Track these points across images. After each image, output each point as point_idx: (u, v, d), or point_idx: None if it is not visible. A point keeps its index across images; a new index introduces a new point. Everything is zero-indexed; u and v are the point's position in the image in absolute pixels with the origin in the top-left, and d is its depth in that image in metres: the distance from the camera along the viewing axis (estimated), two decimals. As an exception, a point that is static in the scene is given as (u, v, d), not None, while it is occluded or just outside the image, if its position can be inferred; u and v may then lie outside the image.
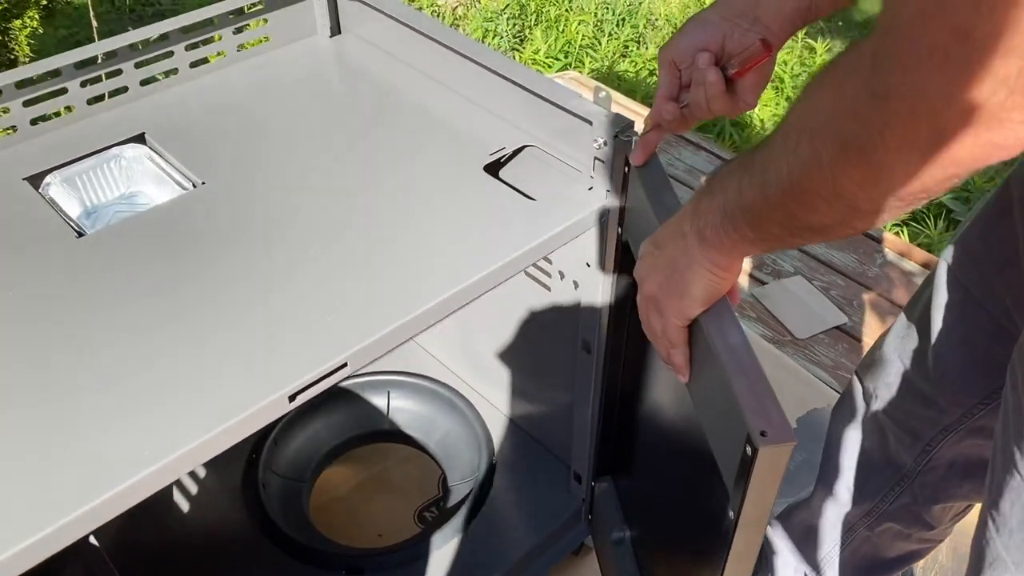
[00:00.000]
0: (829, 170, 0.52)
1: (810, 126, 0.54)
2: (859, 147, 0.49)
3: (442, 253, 0.92)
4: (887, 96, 0.46)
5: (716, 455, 0.74)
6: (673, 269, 0.71)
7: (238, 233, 0.95)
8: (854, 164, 0.50)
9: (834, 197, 0.53)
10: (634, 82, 3.16)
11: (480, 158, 1.05)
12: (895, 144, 0.47)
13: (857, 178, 0.51)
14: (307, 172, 1.03)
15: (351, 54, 1.25)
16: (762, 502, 0.69)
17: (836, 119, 0.51)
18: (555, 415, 1.34)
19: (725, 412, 0.70)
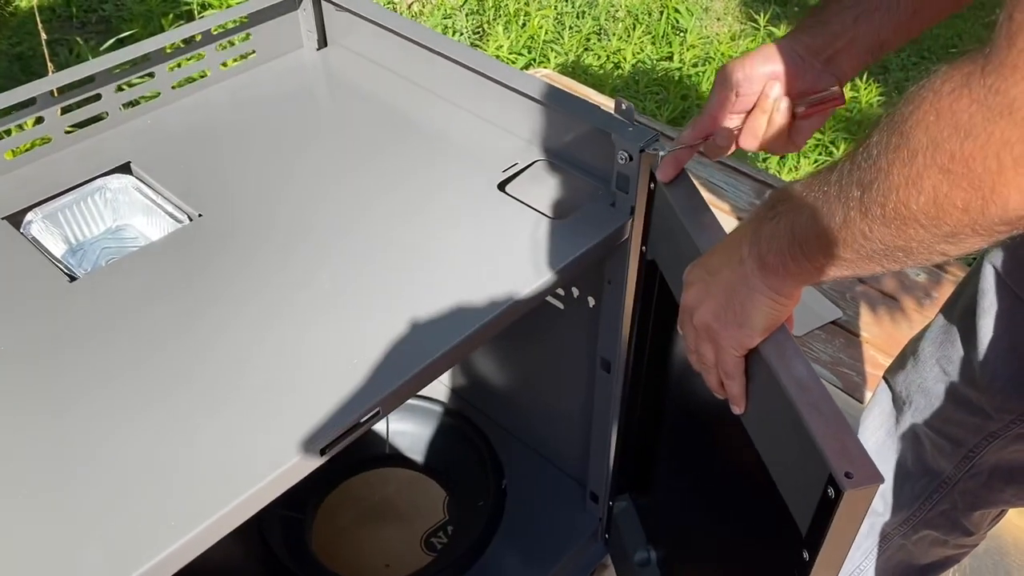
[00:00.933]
0: (931, 194, 0.48)
1: (909, 146, 0.49)
2: (969, 169, 0.45)
3: (465, 282, 0.87)
4: (1005, 112, 0.43)
5: (783, 492, 0.70)
6: (730, 297, 0.67)
7: (244, 271, 0.88)
8: (962, 188, 0.46)
9: (932, 222, 0.49)
10: (600, 75, 3.13)
11: (492, 175, 1.00)
12: (1011, 164, 0.44)
13: (962, 202, 0.47)
14: (309, 198, 0.97)
15: (340, 67, 1.19)
16: (842, 544, 0.65)
17: (942, 140, 0.47)
18: (567, 434, 1.30)
19: (797, 449, 0.66)
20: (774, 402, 0.69)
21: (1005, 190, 0.45)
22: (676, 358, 0.99)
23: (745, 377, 0.72)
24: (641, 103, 2.95)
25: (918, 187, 0.49)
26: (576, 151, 1.00)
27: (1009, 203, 0.45)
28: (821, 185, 0.59)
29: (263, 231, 0.93)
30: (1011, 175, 0.44)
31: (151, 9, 3.00)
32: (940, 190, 0.48)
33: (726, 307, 0.67)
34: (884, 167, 0.51)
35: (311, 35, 1.18)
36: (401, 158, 1.03)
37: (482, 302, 0.84)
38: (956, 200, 0.47)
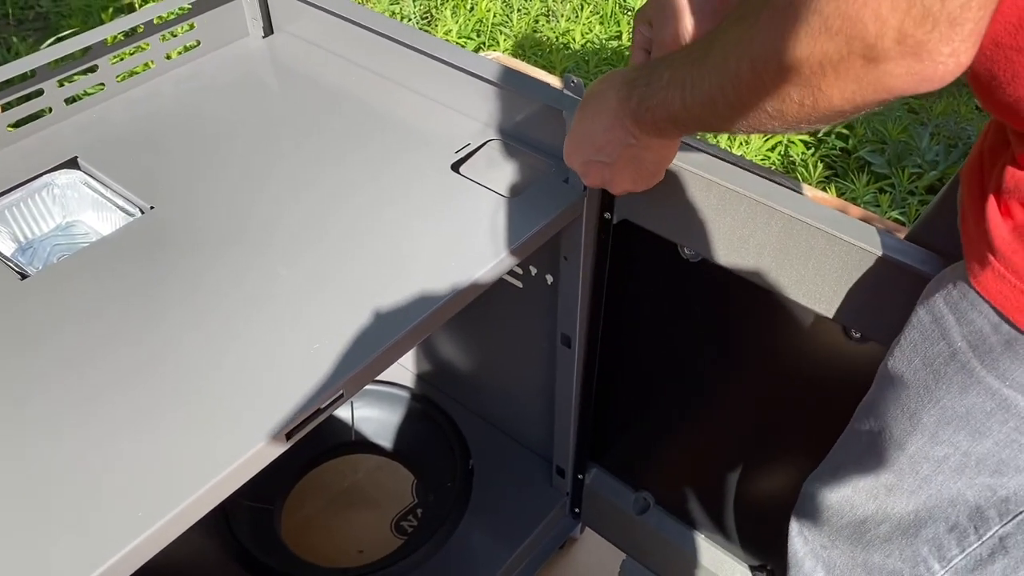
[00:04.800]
0: (774, 93, 0.54)
1: (750, 54, 0.54)
2: (800, 76, 0.52)
3: (422, 264, 0.87)
4: (823, 29, 0.48)
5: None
6: (636, 164, 0.78)
7: (200, 261, 0.88)
8: (797, 88, 0.53)
9: (775, 114, 0.56)
10: (550, 56, 3.13)
11: (445, 156, 1.00)
12: (832, 73, 0.50)
13: (797, 99, 0.53)
14: (261, 186, 0.97)
15: (287, 54, 1.18)
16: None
17: (778, 51, 0.52)
18: (531, 411, 1.31)
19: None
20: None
21: (829, 90, 0.51)
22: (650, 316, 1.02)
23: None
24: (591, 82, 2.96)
25: (763, 89, 0.55)
26: (528, 129, 1.00)
27: (835, 101, 0.52)
28: (680, 80, 0.63)
29: (216, 221, 0.92)
30: (832, 78, 0.50)
31: (90, 4, 2.94)
32: (780, 92, 0.54)
33: (637, 174, 0.78)
34: (731, 72, 0.56)
35: (256, 23, 1.17)
36: (352, 143, 1.03)
37: (440, 283, 0.85)
38: (792, 95, 0.54)
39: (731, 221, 0.85)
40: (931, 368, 0.62)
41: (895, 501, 0.69)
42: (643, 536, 1.23)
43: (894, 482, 0.68)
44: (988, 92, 0.58)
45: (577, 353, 1.11)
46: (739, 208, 0.83)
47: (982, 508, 0.64)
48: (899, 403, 0.66)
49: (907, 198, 2.63)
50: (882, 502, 0.70)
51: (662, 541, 1.21)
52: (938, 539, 0.67)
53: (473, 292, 0.87)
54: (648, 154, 0.75)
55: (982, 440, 0.61)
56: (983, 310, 0.58)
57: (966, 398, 0.60)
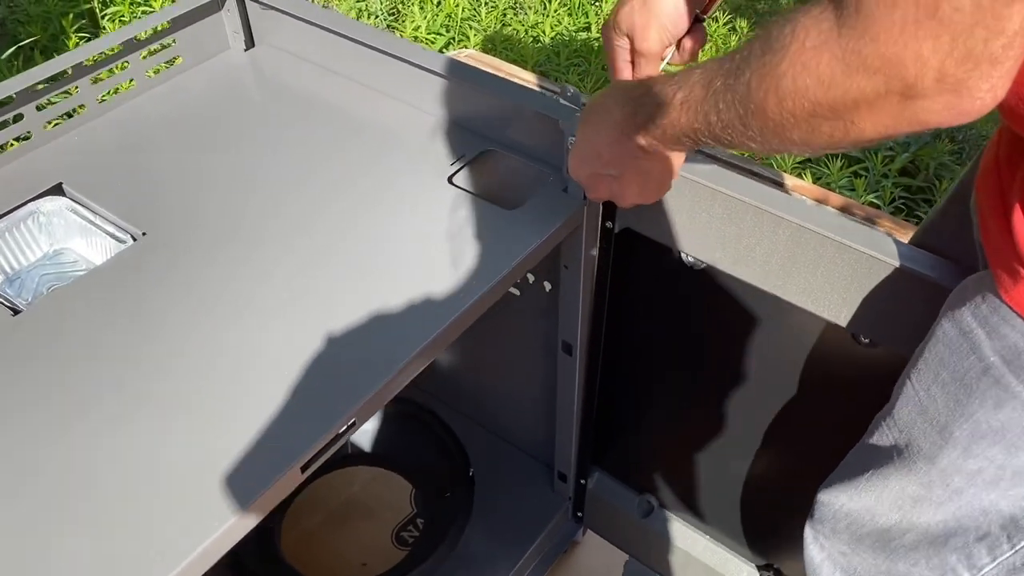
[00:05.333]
0: (802, 126, 0.54)
1: (778, 90, 0.54)
2: (833, 112, 0.52)
3: (427, 281, 0.86)
4: (861, 69, 0.48)
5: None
6: (647, 176, 0.76)
7: (197, 288, 0.86)
8: (828, 123, 0.53)
9: (800, 142, 0.56)
10: (521, 50, 3.12)
11: (440, 169, 0.99)
12: (867, 109, 0.50)
13: (827, 131, 0.53)
14: (255, 206, 0.95)
15: (270, 66, 1.15)
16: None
17: (809, 89, 0.52)
18: (530, 417, 1.31)
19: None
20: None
21: (862, 123, 0.51)
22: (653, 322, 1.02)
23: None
24: (564, 76, 2.95)
25: (793, 124, 0.55)
26: (524, 139, 0.99)
27: (866, 132, 0.52)
28: (696, 108, 0.62)
29: (212, 244, 0.90)
30: (866, 113, 0.50)
31: (49, 10, 2.87)
32: (810, 123, 0.54)
33: (646, 185, 0.77)
34: (759, 101, 0.56)
35: (238, 36, 1.15)
36: (345, 156, 1.01)
37: (445, 302, 0.84)
38: (823, 127, 0.53)
39: (736, 230, 0.85)
40: (961, 383, 0.62)
41: (922, 511, 0.69)
42: (648, 538, 1.23)
43: (922, 494, 0.68)
44: (1011, 111, 0.58)
45: (579, 360, 1.10)
46: (745, 217, 0.83)
47: (1016, 518, 0.65)
48: (927, 416, 0.66)
49: (881, 181, 2.66)
50: (908, 512, 0.70)
51: (667, 543, 1.21)
52: (967, 548, 0.68)
53: (479, 309, 0.86)
54: (656, 166, 0.75)
55: (1019, 454, 0.61)
56: (1016, 324, 0.58)
57: (1001, 413, 0.60)
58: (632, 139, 0.72)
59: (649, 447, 1.19)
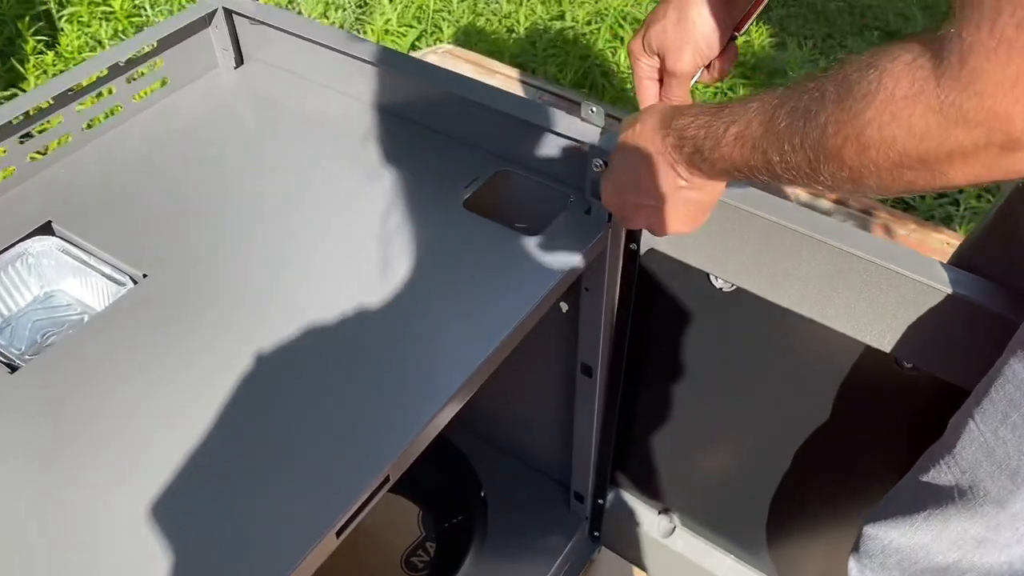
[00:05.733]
0: (884, 174, 0.51)
1: (859, 140, 0.50)
2: (923, 163, 0.49)
3: (454, 317, 0.82)
4: (961, 122, 0.46)
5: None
6: (691, 206, 0.72)
7: (212, 339, 0.80)
8: (914, 172, 0.50)
9: (877, 187, 0.53)
10: (496, 41, 3.06)
11: (452, 192, 0.94)
12: (962, 161, 0.47)
13: (910, 178, 0.51)
14: (262, 238, 0.89)
15: (263, 84, 1.09)
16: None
17: (898, 140, 0.49)
18: (544, 437, 1.27)
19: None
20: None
21: (952, 174, 0.49)
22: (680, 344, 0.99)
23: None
24: (542, 67, 2.90)
25: (870, 171, 0.51)
26: (541, 158, 0.95)
27: (954, 181, 0.49)
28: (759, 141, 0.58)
29: (220, 286, 0.85)
30: (959, 164, 0.48)
31: (3, 13, 2.75)
32: (893, 172, 0.51)
33: (690, 215, 0.73)
34: (835, 148, 0.52)
35: (227, 53, 1.09)
36: (349, 180, 0.96)
37: (471, 343, 0.79)
38: (906, 176, 0.51)
39: (773, 254, 0.81)
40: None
41: (986, 552, 0.67)
42: (669, 558, 1.21)
43: (987, 536, 0.66)
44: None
45: (599, 382, 1.07)
46: (783, 241, 0.80)
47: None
48: (994, 459, 0.63)
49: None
50: (969, 552, 0.68)
51: (688, 563, 1.19)
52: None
53: (508, 347, 0.82)
54: (700, 195, 0.71)
55: None
56: None
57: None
58: (675, 170, 0.68)
59: (673, 465, 1.16)
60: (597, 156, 0.86)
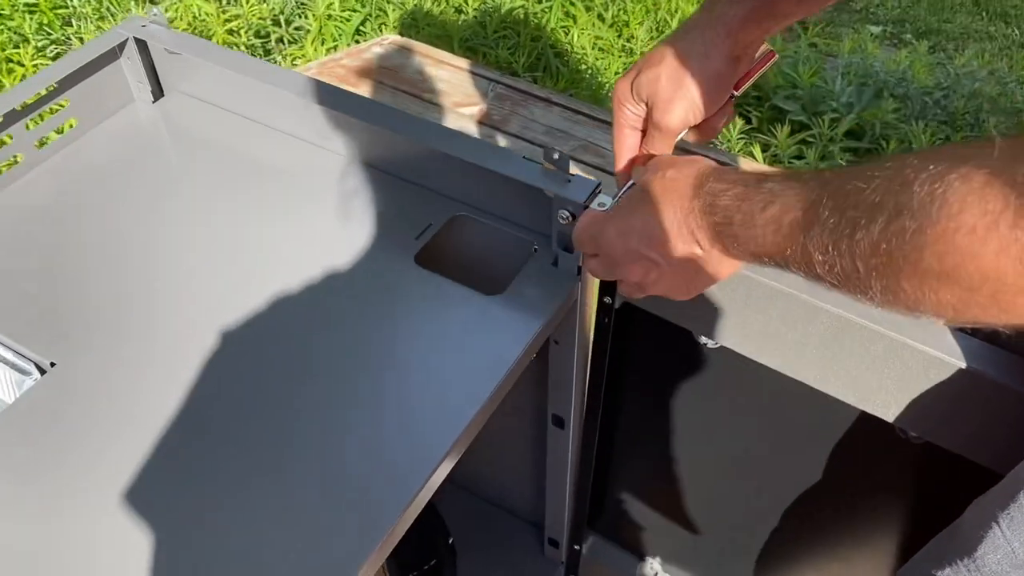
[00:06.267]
0: (950, 310, 0.43)
1: (918, 263, 0.42)
2: (992, 298, 0.41)
3: (412, 403, 0.73)
4: None
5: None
6: (690, 279, 0.63)
7: (144, 436, 0.70)
8: (979, 308, 0.42)
9: (934, 316, 0.45)
10: (445, 25, 2.92)
11: (403, 242, 0.84)
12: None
13: (975, 315, 0.43)
14: (189, 306, 0.79)
15: (185, 119, 0.98)
16: None
17: (962, 277, 0.41)
18: (516, 480, 1.19)
19: None
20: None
21: (1019, 311, 0.41)
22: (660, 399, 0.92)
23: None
24: (494, 51, 2.78)
25: (929, 299, 0.44)
26: (500, 204, 0.85)
27: (1020, 319, 0.42)
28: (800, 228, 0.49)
29: (149, 368, 0.74)
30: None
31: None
32: (954, 305, 0.43)
33: (690, 283, 0.64)
34: (890, 269, 0.44)
35: (143, 86, 0.97)
36: (286, 230, 0.85)
37: (432, 432, 0.70)
38: (972, 311, 0.43)
39: (764, 317, 0.73)
40: None
41: None
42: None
43: None
44: None
45: (572, 434, 0.98)
46: (775, 303, 0.72)
47: None
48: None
49: (828, 146, 2.59)
50: None
51: (673, 608, 1.12)
52: None
53: (476, 427, 0.73)
54: (712, 270, 0.62)
55: None
56: None
57: None
58: (695, 236, 0.59)
59: (655, 513, 1.08)
60: (563, 207, 0.77)
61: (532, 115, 2.11)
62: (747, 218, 0.53)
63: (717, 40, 0.66)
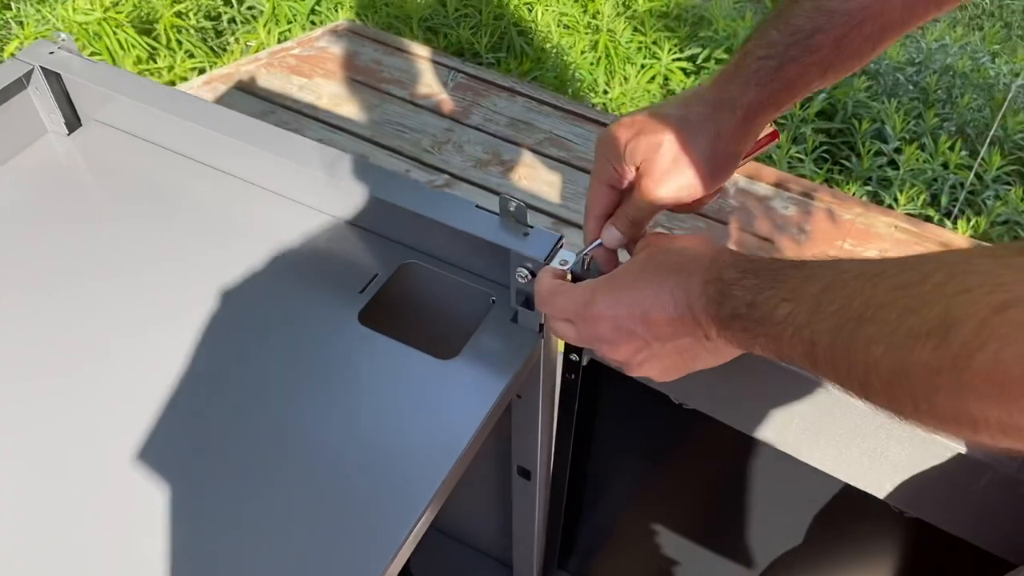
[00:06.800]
0: (982, 432, 0.37)
1: (959, 409, 0.36)
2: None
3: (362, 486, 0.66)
4: None
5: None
6: (686, 361, 0.58)
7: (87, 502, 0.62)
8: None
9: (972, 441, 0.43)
10: (402, 5, 2.80)
11: (346, 295, 0.77)
12: None
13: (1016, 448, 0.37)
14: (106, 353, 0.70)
15: (103, 152, 0.88)
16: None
17: (1010, 424, 0.35)
18: (482, 518, 1.13)
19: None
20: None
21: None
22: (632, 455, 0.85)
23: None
24: (455, 31, 2.67)
25: (966, 426, 0.37)
26: (454, 253, 0.78)
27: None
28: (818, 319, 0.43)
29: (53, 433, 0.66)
30: None
31: None
32: (994, 437, 0.37)
33: (682, 367, 0.59)
34: (923, 394, 0.38)
35: (55, 117, 0.87)
36: (221, 280, 0.77)
37: (398, 508, 0.64)
38: (1011, 447, 0.37)
39: (746, 389, 0.67)
40: None
41: None
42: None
43: None
44: None
45: (539, 485, 0.92)
46: (760, 374, 0.65)
47: None
48: None
49: (800, 127, 2.52)
50: None
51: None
52: None
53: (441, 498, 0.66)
54: (709, 358, 0.56)
55: None
56: None
57: None
58: (700, 323, 0.52)
59: (627, 557, 1.03)
60: (522, 264, 0.69)
61: (495, 106, 2.01)
62: (763, 314, 0.47)
63: (732, 123, 0.59)
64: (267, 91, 2.05)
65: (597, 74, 2.72)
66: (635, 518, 0.97)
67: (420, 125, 1.95)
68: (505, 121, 1.97)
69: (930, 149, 2.43)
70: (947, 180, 2.34)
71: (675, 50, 2.76)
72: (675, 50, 2.76)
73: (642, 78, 2.70)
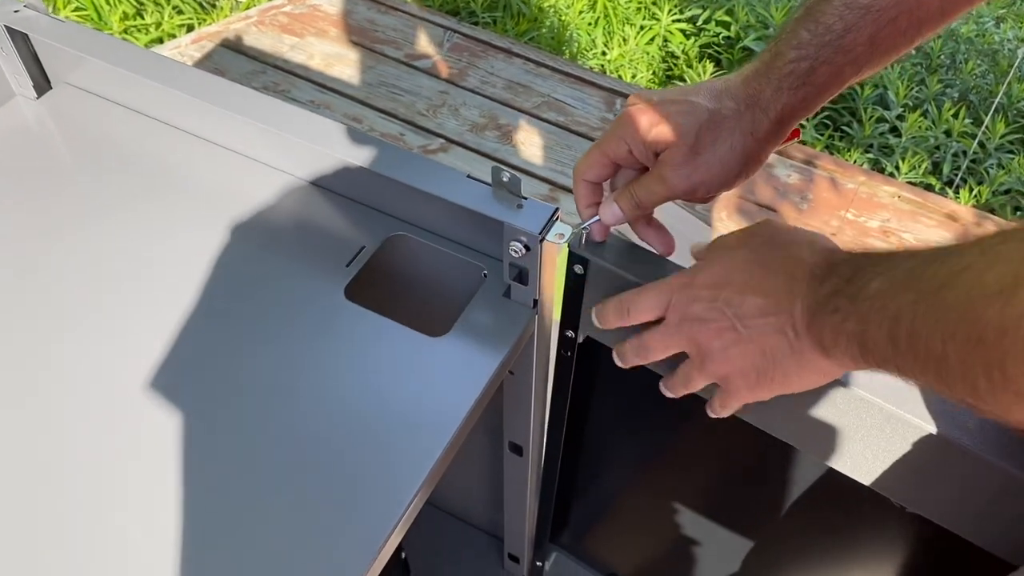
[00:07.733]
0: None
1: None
2: None
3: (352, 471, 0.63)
4: None
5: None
6: (772, 365, 0.54)
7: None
8: None
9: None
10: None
11: (331, 268, 0.73)
12: None
13: None
14: (80, 326, 0.67)
15: (74, 115, 0.84)
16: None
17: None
18: (474, 492, 1.10)
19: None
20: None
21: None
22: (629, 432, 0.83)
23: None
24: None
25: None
26: (444, 225, 0.74)
27: None
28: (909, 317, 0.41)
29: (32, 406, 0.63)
30: None
31: None
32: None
33: (761, 372, 0.54)
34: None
35: (22, 79, 0.83)
36: (199, 252, 0.73)
37: (390, 490, 0.61)
38: None
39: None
40: None
41: None
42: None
43: None
44: None
45: (531, 461, 0.89)
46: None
47: None
48: None
49: (801, 92, 2.46)
50: None
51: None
52: None
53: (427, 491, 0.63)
54: (791, 364, 0.53)
55: None
56: None
57: None
58: (792, 315, 0.50)
59: (621, 532, 1.01)
60: (515, 239, 0.66)
61: (492, 68, 1.96)
62: (863, 316, 0.45)
63: (765, 124, 0.57)
64: (257, 50, 1.99)
65: (596, 35, 2.66)
66: (629, 495, 0.95)
67: (415, 87, 1.90)
68: (502, 84, 1.92)
69: (933, 116, 2.39)
70: (950, 148, 2.30)
71: (675, 11, 2.70)
72: (675, 11, 2.70)
73: (641, 39, 2.64)
